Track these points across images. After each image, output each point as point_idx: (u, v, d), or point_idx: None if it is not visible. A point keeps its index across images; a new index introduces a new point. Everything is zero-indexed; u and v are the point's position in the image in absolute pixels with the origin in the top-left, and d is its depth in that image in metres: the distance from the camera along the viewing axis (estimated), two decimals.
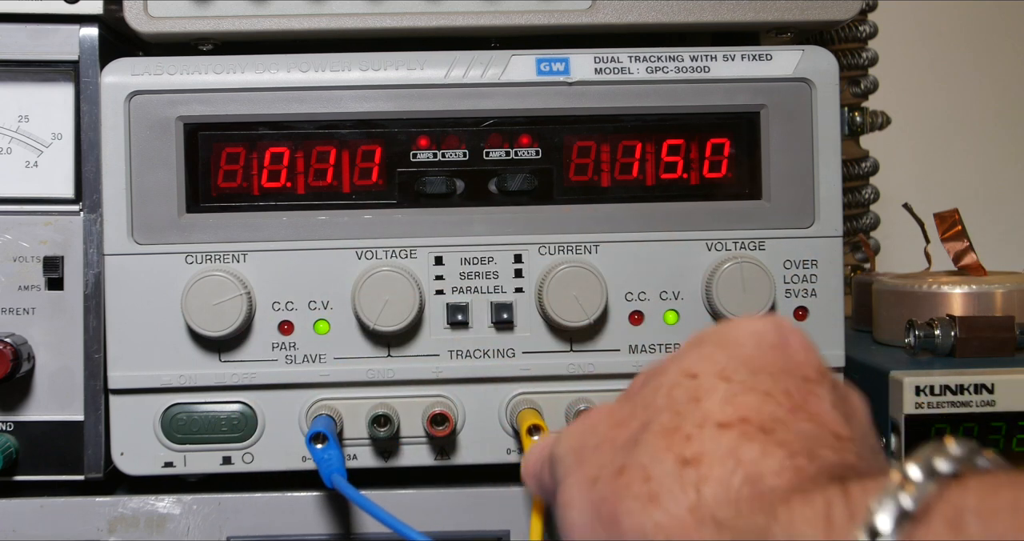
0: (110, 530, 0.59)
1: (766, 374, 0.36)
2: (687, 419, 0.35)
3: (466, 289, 0.60)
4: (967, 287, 0.70)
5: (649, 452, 0.35)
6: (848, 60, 0.86)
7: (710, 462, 0.33)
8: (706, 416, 0.35)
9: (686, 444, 0.34)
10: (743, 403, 0.35)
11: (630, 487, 0.34)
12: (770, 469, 0.33)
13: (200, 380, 0.60)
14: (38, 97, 0.60)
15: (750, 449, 0.33)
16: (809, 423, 0.35)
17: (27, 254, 0.59)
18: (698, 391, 0.36)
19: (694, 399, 0.36)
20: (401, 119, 0.60)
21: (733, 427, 0.34)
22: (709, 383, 0.36)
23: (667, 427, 0.35)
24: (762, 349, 0.37)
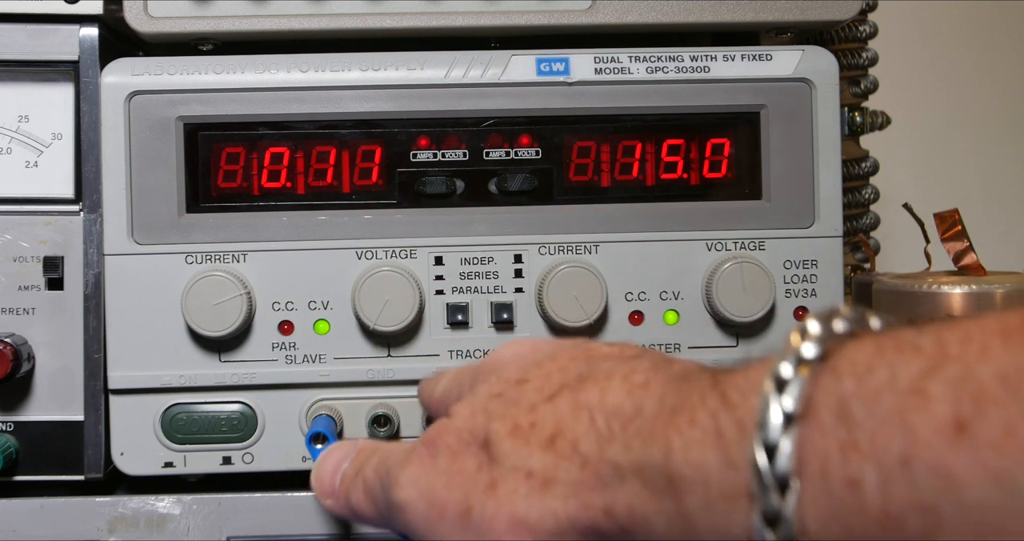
0: (110, 530, 0.59)
1: (547, 360, 0.38)
2: (519, 415, 0.36)
3: (466, 289, 0.60)
4: (967, 287, 0.70)
5: (514, 454, 0.35)
6: (848, 60, 0.86)
7: (567, 425, 0.34)
8: (531, 402, 0.36)
9: (535, 430, 0.35)
10: (551, 381, 0.36)
11: (517, 491, 0.34)
12: (620, 397, 0.34)
13: (200, 380, 0.60)
14: (38, 97, 0.60)
15: (588, 394, 0.34)
16: (609, 360, 0.36)
17: (27, 254, 0.59)
18: (510, 398, 0.37)
19: (512, 403, 0.36)
20: (401, 119, 0.60)
21: (559, 393, 0.35)
22: (513, 391, 0.37)
23: (508, 429, 0.35)
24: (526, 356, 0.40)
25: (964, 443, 0.24)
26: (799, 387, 0.27)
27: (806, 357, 0.28)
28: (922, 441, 0.24)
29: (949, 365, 0.25)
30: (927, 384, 0.25)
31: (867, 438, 0.25)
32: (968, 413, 0.24)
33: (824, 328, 0.29)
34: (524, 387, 0.37)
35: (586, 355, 0.38)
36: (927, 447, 0.24)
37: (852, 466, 0.25)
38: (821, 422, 0.27)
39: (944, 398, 0.24)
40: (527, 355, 0.40)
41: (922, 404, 0.25)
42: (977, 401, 0.24)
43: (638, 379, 0.34)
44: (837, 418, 0.26)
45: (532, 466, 0.34)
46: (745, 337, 0.61)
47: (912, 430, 0.24)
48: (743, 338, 0.61)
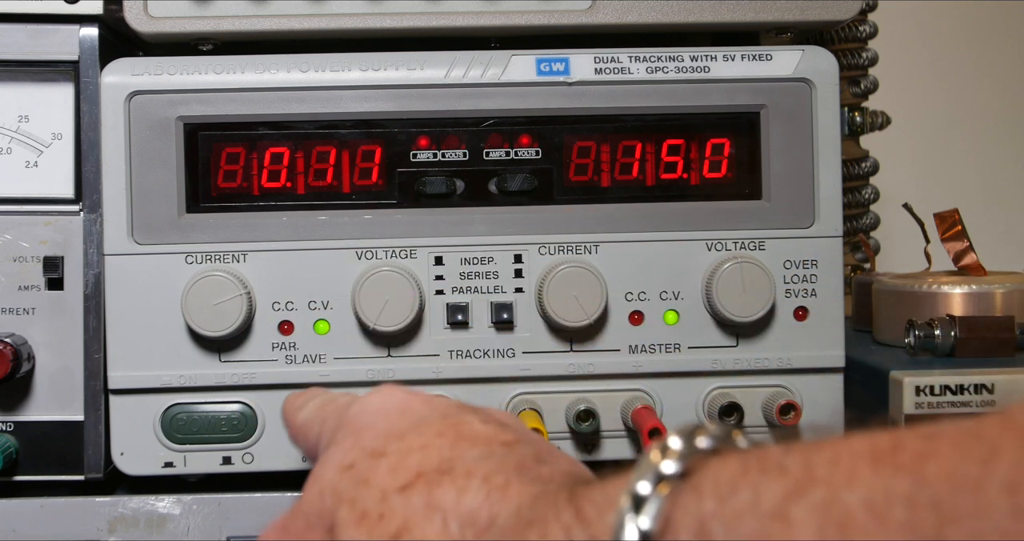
0: (110, 530, 0.59)
1: (412, 433, 0.36)
2: (368, 501, 0.33)
3: (466, 289, 0.60)
4: (967, 287, 0.70)
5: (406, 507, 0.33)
6: (848, 60, 0.86)
7: (418, 525, 0.32)
8: (383, 490, 0.33)
9: (382, 522, 0.33)
10: (408, 463, 0.34)
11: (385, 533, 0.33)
12: (476, 502, 0.32)
13: (200, 380, 0.60)
14: (38, 97, 0.60)
15: (444, 494, 0.32)
16: (477, 447, 0.34)
17: (27, 254, 0.59)
18: (362, 475, 0.35)
19: (363, 483, 0.34)
20: (401, 119, 0.60)
21: (414, 484, 0.33)
22: (366, 465, 0.35)
23: (355, 517, 0.34)
24: (392, 417, 0.37)
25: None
26: (657, 505, 0.26)
27: (666, 474, 0.27)
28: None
29: (814, 489, 0.24)
30: (791, 508, 0.24)
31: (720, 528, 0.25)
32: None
33: (686, 444, 0.28)
34: (378, 463, 0.35)
35: (454, 433, 0.35)
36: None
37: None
38: (688, 499, 0.26)
39: (808, 523, 0.23)
40: (392, 418, 0.37)
41: (785, 529, 0.24)
42: (842, 528, 0.23)
43: (498, 481, 0.32)
44: (696, 538, 0.25)
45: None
46: (745, 337, 0.61)
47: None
48: (743, 338, 0.61)
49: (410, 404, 0.38)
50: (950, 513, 0.21)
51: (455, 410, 0.37)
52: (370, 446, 0.36)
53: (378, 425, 0.37)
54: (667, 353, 0.61)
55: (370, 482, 0.34)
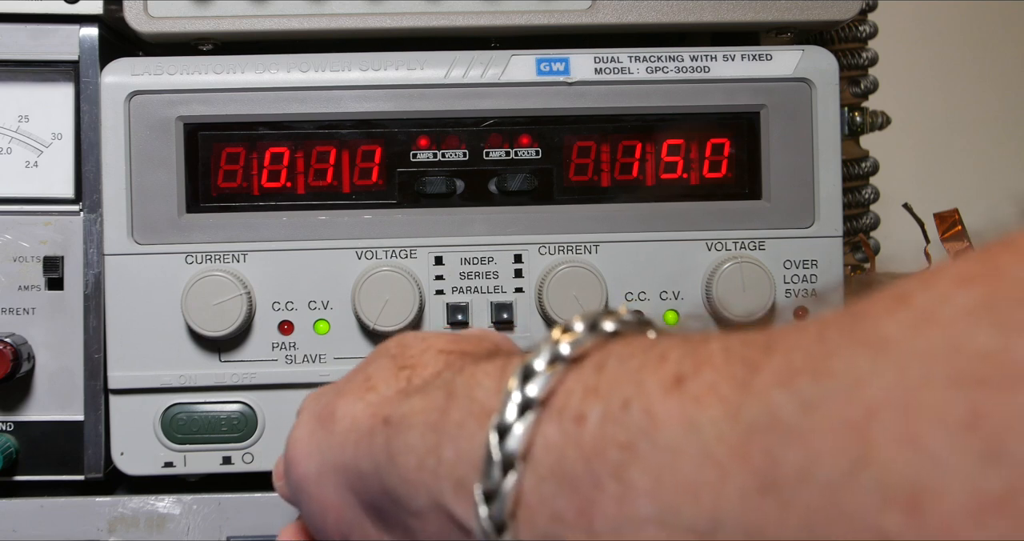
0: (110, 530, 0.59)
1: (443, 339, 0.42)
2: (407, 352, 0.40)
3: (466, 289, 0.60)
4: None
5: (374, 366, 0.40)
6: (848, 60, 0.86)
7: (424, 365, 0.38)
8: (426, 346, 0.40)
9: (406, 359, 0.40)
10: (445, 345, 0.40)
11: (351, 388, 0.39)
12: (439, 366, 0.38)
13: (200, 380, 0.60)
14: (38, 97, 0.60)
15: (454, 358, 0.39)
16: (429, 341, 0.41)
17: (27, 254, 0.59)
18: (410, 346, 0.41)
19: (402, 345, 0.41)
20: (401, 119, 0.60)
21: (448, 352, 0.39)
22: (418, 343, 0.41)
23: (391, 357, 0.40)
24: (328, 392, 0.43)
25: (674, 394, 0.27)
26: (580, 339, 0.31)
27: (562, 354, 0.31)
28: (643, 390, 0.28)
29: (695, 341, 0.29)
30: (670, 351, 0.29)
31: (607, 385, 0.29)
32: (688, 372, 0.27)
33: (588, 328, 0.32)
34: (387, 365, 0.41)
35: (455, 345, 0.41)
36: (644, 394, 0.28)
37: (585, 404, 0.29)
38: (582, 368, 0.30)
39: (676, 360, 0.28)
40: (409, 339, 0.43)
41: (658, 364, 0.28)
42: (698, 364, 0.27)
43: (443, 344, 0.40)
44: (594, 367, 0.30)
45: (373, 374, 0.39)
46: None
47: (641, 381, 0.28)
48: None
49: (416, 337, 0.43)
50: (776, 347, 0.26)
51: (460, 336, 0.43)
52: (395, 359, 0.41)
53: (328, 391, 0.42)
54: None
55: (409, 348, 0.41)
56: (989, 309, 0.22)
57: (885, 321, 0.23)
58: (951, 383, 0.21)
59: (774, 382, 0.25)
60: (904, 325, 0.23)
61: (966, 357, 0.21)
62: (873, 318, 0.24)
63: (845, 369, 0.23)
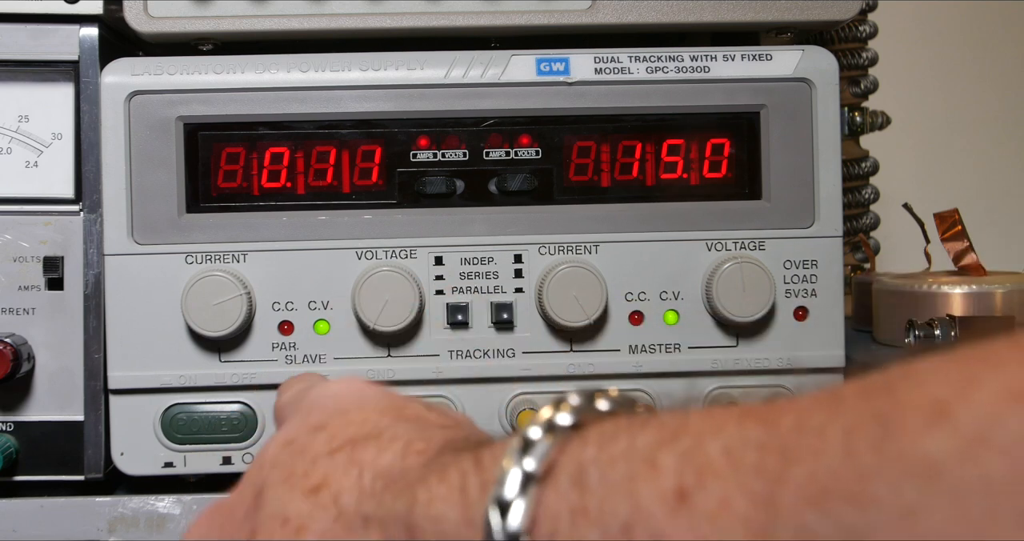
0: (110, 530, 0.59)
1: (355, 410, 0.37)
2: (299, 465, 0.35)
3: (466, 289, 0.60)
4: (967, 287, 0.70)
5: (277, 501, 0.34)
6: (848, 60, 0.86)
7: (336, 478, 0.33)
8: (315, 455, 0.35)
9: (306, 478, 0.34)
10: (346, 433, 0.35)
11: (272, 537, 0.34)
12: (393, 460, 0.33)
13: (200, 380, 0.60)
14: (38, 97, 0.60)
15: (364, 452, 0.34)
16: (411, 422, 0.36)
17: (27, 254, 0.59)
18: (300, 447, 0.36)
19: (299, 453, 0.35)
20: (401, 119, 0.60)
21: (342, 448, 0.34)
22: (306, 438, 0.36)
23: (282, 477, 0.35)
24: (343, 399, 0.38)
25: (682, 512, 0.24)
26: (544, 450, 0.28)
27: (557, 424, 0.28)
28: (644, 509, 0.25)
29: (683, 438, 0.25)
30: (659, 455, 0.25)
31: (596, 504, 0.26)
32: (690, 484, 0.24)
33: (584, 402, 0.29)
34: (317, 436, 0.36)
35: (396, 413, 0.36)
36: (648, 515, 0.24)
37: (579, 531, 0.26)
38: (558, 486, 0.27)
39: (672, 468, 0.25)
40: (344, 398, 0.38)
41: (651, 473, 0.25)
42: (700, 473, 0.24)
43: (419, 446, 0.34)
44: (573, 483, 0.26)
45: (289, 513, 0.34)
46: (745, 337, 0.61)
47: (637, 498, 0.25)
48: (743, 338, 0.61)
49: (365, 391, 0.39)
50: (794, 455, 0.23)
51: (407, 400, 0.38)
52: (314, 422, 0.37)
53: (327, 405, 0.38)
54: (667, 353, 0.61)
55: (305, 451, 0.35)
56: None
57: (926, 440, 0.21)
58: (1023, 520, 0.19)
59: (804, 502, 0.22)
60: (952, 449, 0.20)
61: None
62: (910, 434, 0.21)
63: (890, 498, 0.21)
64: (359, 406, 0.37)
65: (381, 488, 0.32)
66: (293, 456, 0.35)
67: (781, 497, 0.22)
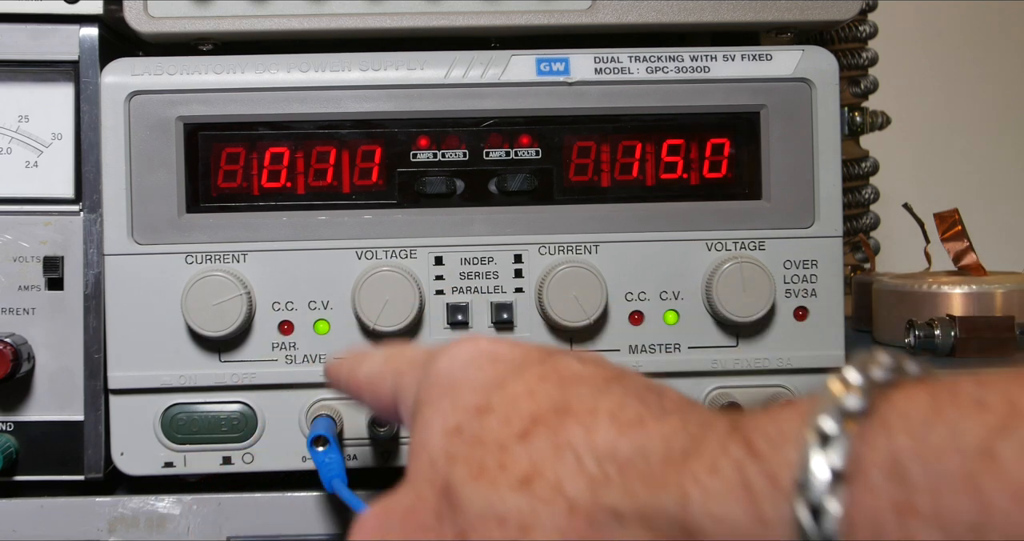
0: (110, 530, 0.59)
1: (512, 381, 0.33)
2: (486, 456, 0.31)
3: (466, 289, 0.60)
4: (967, 287, 0.70)
5: (480, 499, 0.30)
6: (848, 60, 0.86)
7: (547, 466, 0.29)
8: (501, 442, 0.31)
9: (506, 470, 0.30)
10: (522, 411, 0.31)
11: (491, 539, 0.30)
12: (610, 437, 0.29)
13: (200, 380, 0.60)
14: (38, 97, 0.60)
15: (570, 433, 0.30)
16: (585, 386, 0.32)
17: (27, 254, 0.59)
18: (473, 435, 0.32)
19: (476, 443, 0.31)
20: (401, 119, 0.60)
21: (532, 430, 0.30)
22: (475, 424, 0.32)
23: (472, 473, 0.31)
24: (485, 367, 0.34)
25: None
26: (846, 443, 0.25)
27: (851, 409, 0.26)
28: (998, 509, 0.22)
29: (1021, 424, 0.23)
30: (997, 445, 0.23)
31: (929, 502, 0.23)
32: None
33: (866, 378, 0.26)
34: (487, 419, 0.32)
35: (556, 375, 0.33)
36: (1004, 516, 0.22)
37: (911, 531, 0.23)
38: (870, 482, 0.24)
39: (1020, 461, 0.22)
40: (485, 369, 0.34)
41: (992, 467, 0.22)
42: None
43: (629, 416, 0.30)
44: (890, 478, 0.24)
45: (503, 511, 0.30)
46: (745, 337, 0.61)
47: (984, 496, 0.22)
48: (743, 338, 0.61)
49: (499, 352, 0.35)
50: None
51: (546, 354, 0.35)
52: (472, 403, 0.33)
53: (473, 378, 0.34)
54: (667, 353, 0.61)
55: (484, 440, 0.31)
56: None
57: None
58: None
59: None
60: None
61: None
62: None
63: None
64: (512, 375, 0.33)
65: (617, 473, 0.28)
66: (472, 446, 0.32)
67: None
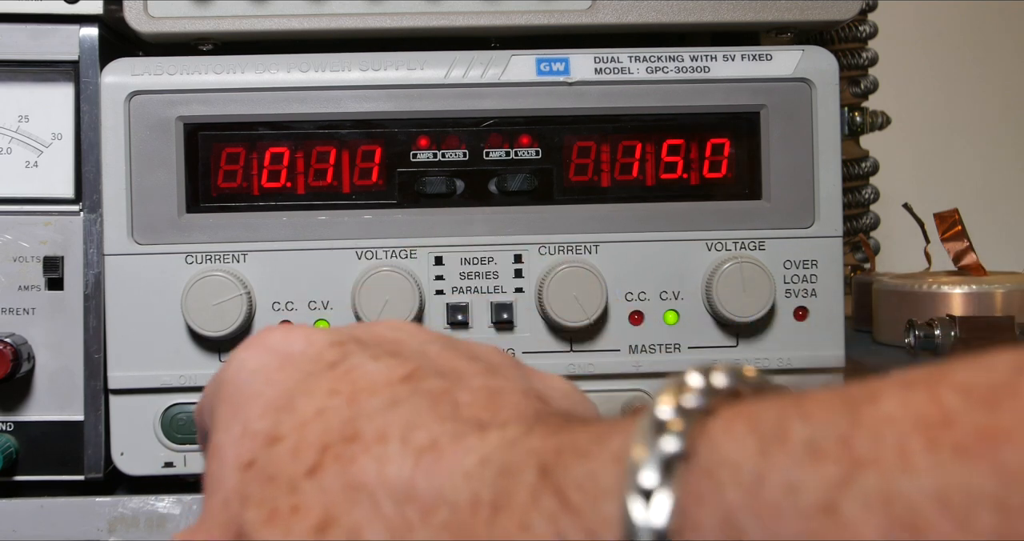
0: (110, 530, 0.59)
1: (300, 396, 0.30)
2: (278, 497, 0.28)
3: (466, 289, 0.60)
4: (967, 287, 0.70)
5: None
6: (848, 60, 0.86)
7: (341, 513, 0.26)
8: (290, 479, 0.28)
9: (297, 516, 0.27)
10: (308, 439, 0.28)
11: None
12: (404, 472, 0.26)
13: (200, 380, 0.60)
14: (38, 97, 0.60)
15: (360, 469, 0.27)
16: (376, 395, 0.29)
17: (27, 254, 0.59)
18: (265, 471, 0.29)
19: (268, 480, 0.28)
20: (401, 119, 0.60)
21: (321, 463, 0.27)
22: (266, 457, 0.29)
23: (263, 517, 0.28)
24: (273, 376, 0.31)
25: None
26: (670, 501, 0.22)
27: (670, 452, 0.22)
28: None
29: (862, 475, 0.20)
30: (839, 502, 0.20)
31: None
32: None
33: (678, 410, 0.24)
34: (277, 450, 0.29)
35: (348, 384, 0.29)
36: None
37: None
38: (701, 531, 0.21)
39: (867, 522, 0.19)
40: (273, 380, 0.31)
41: (839, 529, 0.19)
42: (915, 531, 0.19)
43: (421, 440, 0.27)
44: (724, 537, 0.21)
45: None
46: (745, 337, 0.61)
47: None
48: (743, 338, 0.61)
49: (288, 351, 0.32)
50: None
51: (339, 351, 0.31)
52: (262, 429, 0.29)
53: (261, 394, 0.30)
54: (667, 353, 0.61)
55: (276, 477, 0.28)
56: None
57: None
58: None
59: None
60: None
61: None
62: None
63: None
64: (301, 388, 0.30)
65: (420, 521, 0.26)
66: (262, 486, 0.28)
67: None
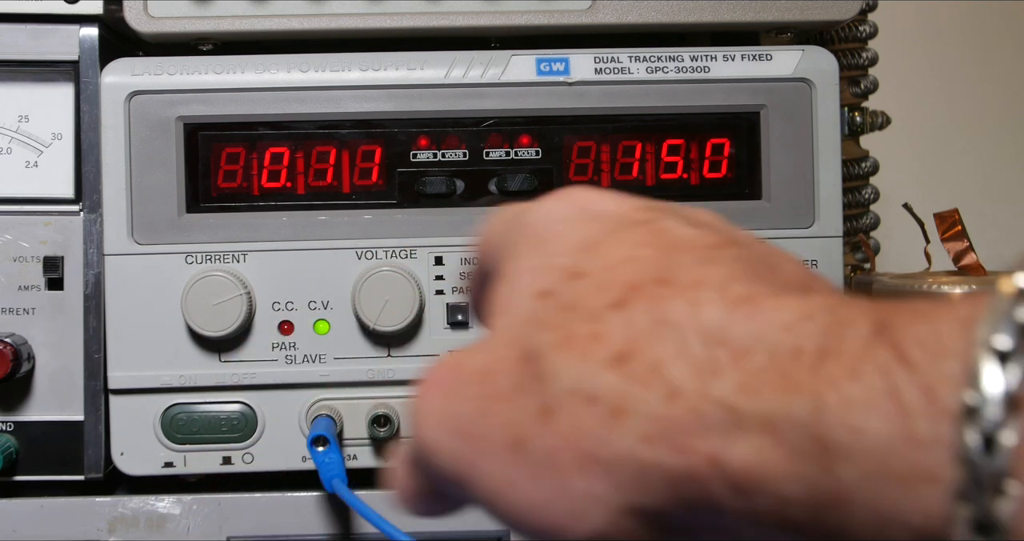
0: (110, 530, 0.59)
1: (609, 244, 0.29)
2: (576, 325, 0.27)
3: (466, 289, 0.60)
4: (967, 287, 0.70)
5: (569, 372, 0.26)
6: (848, 60, 0.86)
7: (646, 346, 0.25)
8: (593, 310, 0.27)
9: (597, 343, 0.26)
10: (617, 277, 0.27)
11: (579, 420, 0.26)
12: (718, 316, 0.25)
13: (200, 380, 0.60)
14: (38, 97, 0.60)
15: (672, 307, 0.26)
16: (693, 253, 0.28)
17: (27, 254, 0.59)
18: (564, 301, 0.28)
19: (567, 309, 0.27)
20: (401, 119, 0.60)
21: (629, 299, 0.26)
22: (567, 289, 0.28)
23: (559, 340, 0.27)
24: (581, 225, 0.30)
25: None
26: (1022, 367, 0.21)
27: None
28: None
29: None
30: None
31: None
32: None
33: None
34: (579, 285, 0.28)
35: (660, 239, 0.29)
36: None
37: None
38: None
39: None
40: (580, 228, 0.30)
41: None
42: None
43: (738, 291, 0.26)
44: None
45: (595, 389, 0.26)
46: None
47: None
48: None
49: (597, 208, 0.31)
50: None
51: (651, 212, 0.31)
52: (565, 265, 0.29)
53: (566, 237, 0.30)
54: None
55: (576, 306, 0.27)
56: None
57: None
58: None
59: None
60: None
61: None
62: None
63: None
64: (610, 237, 0.29)
65: (730, 362, 0.25)
66: (561, 312, 0.28)
67: None
